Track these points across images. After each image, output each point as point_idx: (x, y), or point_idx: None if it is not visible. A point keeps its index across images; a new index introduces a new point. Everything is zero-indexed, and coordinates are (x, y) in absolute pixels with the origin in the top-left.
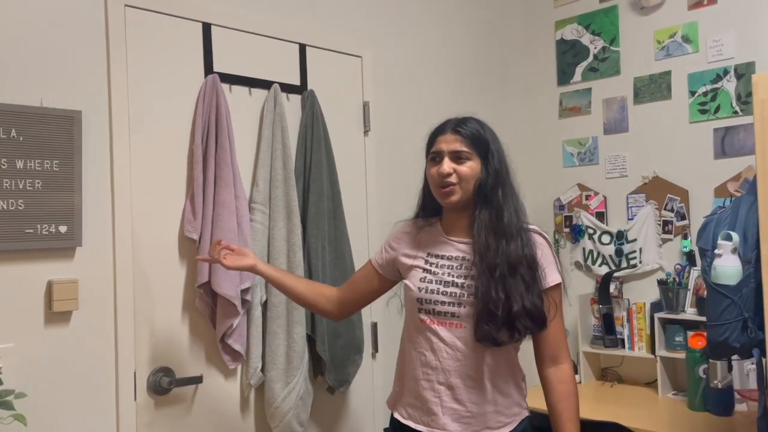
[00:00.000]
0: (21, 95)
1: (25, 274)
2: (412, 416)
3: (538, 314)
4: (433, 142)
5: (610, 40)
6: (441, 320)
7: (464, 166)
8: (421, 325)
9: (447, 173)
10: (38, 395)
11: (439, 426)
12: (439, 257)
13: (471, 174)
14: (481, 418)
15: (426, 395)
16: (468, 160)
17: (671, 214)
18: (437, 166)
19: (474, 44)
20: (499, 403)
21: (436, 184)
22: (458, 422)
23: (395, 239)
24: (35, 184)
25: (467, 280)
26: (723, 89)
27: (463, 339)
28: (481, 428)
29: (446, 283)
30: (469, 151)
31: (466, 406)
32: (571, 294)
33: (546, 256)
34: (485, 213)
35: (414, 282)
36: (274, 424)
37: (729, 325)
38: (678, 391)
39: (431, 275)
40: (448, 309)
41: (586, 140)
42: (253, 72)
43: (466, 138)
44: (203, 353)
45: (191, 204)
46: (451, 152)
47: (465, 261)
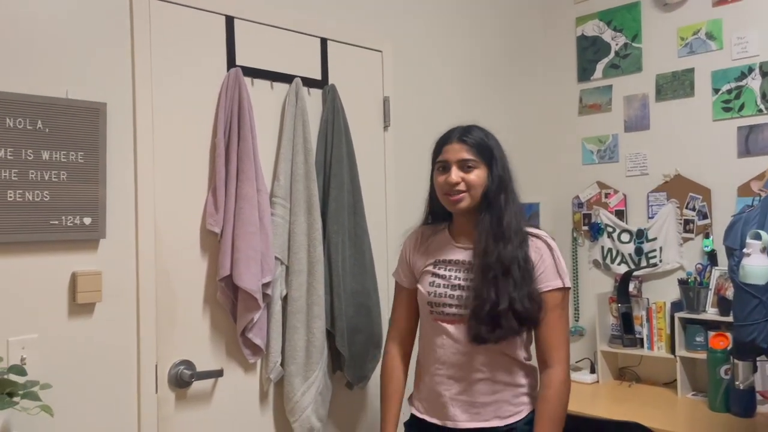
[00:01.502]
0: (47, 87)
1: (50, 265)
2: (428, 410)
3: (526, 314)
4: (440, 151)
5: (632, 37)
6: (450, 319)
7: (472, 174)
8: (434, 323)
9: (456, 182)
10: (61, 386)
11: (450, 418)
12: (446, 262)
13: (479, 181)
14: (489, 408)
15: (438, 389)
16: (475, 168)
17: (693, 213)
18: (445, 175)
19: (494, 40)
20: (508, 393)
21: (444, 192)
22: (467, 413)
23: (407, 253)
24: (60, 175)
25: (470, 283)
26: (747, 87)
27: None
28: (491, 417)
29: (453, 287)
30: (476, 160)
31: (473, 397)
32: (590, 293)
33: (545, 259)
34: (487, 218)
35: (425, 286)
36: (293, 418)
37: (757, 325)
38: (697, 392)
39: (440, 279)
40: (456, 311)
41: (606, 138)
42: (275, 66)
43: (472, 147)
44: (224, 347)
45: (213, 197)
46: (458, 161)
47: (469, 264)
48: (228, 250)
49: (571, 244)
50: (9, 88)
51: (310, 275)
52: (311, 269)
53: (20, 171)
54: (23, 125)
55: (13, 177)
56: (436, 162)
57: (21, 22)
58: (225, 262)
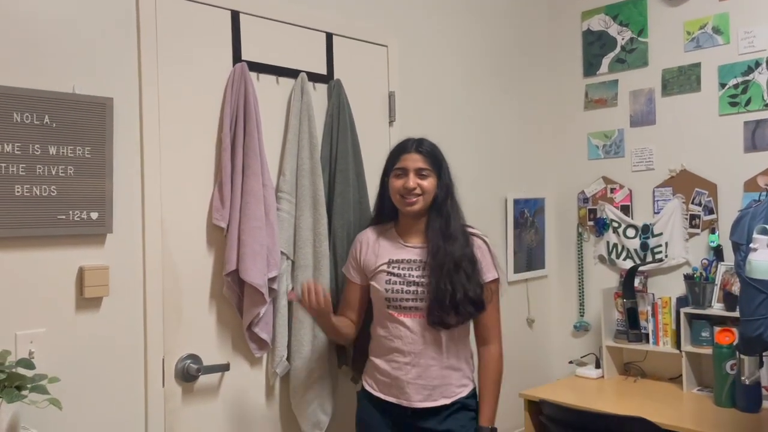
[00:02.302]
0: (54, 82)
1: (57, 260)
2: (382, 390)
3: (478, 301)
4: (398, 159)
5: (638, 31)
6: (406, 312)
7: (426, 181)
8: (391, 318)
9: (413, 187)
10: (69, 380)
11: (406, 397)
12: (400, 261)
13: (431, 188)
14: (439, 389)
15: (396, 374)
16: (428, 176)
17: (699, 208)
18: (403, 180)
19: (499, 35)
20: (453, 376)
21: (401, 195)
22: (420, 394)
23: (358, 252)
24: (67, 170)
25: (424, 279)
26: (754, 82)
27: (424, 326)
28: (439, 397)
29: (409, 283)
30: (429, 169)
31: (427, 381)
32: (595, 288)
33: (485, 255)
34: (437, 220)
35: (381, 284)
36: (299, 412)
37: (764, 320)
38: (703, 387)
39: (395, 277)
40: (412, 304)
41: (611, 133)
42: (281, 61)
43: (426, 157)
44: (230, 341)
45: (219, 192)
46: (415, 169)
47: (421, 263)
48: (234, 244)
49: (576, 240)
50: (16, 83)
51: (315, 270)
52: (317, 264)
53: (27, 166)
54: (30, 120)
55: (21, 172)
56: (393, 168)
57: (28, 18)
58: (231, 256)
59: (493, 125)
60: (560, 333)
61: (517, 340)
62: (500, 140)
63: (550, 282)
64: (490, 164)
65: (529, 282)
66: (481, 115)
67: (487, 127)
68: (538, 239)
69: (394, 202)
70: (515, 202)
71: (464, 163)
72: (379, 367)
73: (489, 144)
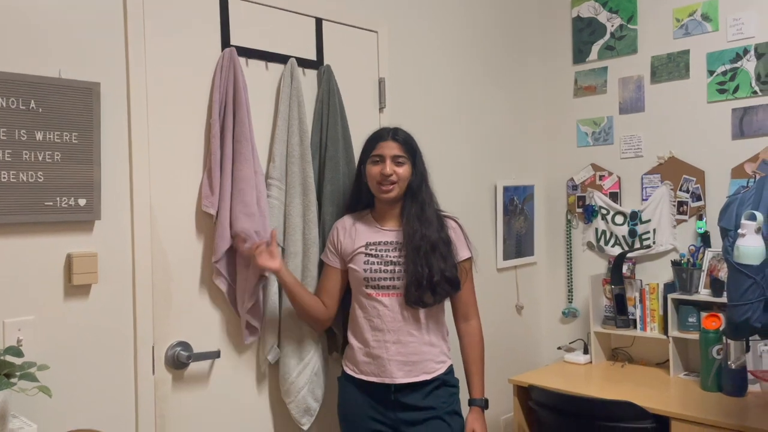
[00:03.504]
0: (40, 66)
1: (45, 246)
2: (363, 371)
3: (454, 280)
4: (374, 147)
5: (627, 18)
6: (384, 292)
7: (401, 169)
8: (369, 298)
9: (389, 174)
10: (58, 368)
11: (388, 375)
12: (377, 244)
13: (406, 175)
14: (419, 365)
15: (376, 352)
16: (404, 164)
17: (686, 195)
18: (380, 167)
19: (488, 22)
20: (432, 352)
21: (378, 181)
22: (402, 370)
23: (336, 238)
24: (54, 156)
25: (401, 259)
26: (742, 69)
27: (402, 305)
28: (420, 373)
29: (386, 263)
30: (405, 156)
31: (407, 357)
32: (583, 274)
33: (458, 236)
34: (412, 205)
35: (359, 265)
36: (289, 399)
37: (751, 305)
38: (689, 372)
39: (373, 258)
40: (390, 283)
41: (601, 120)
42: (270, 46)
43: (402, 145)
44: (220, 328)
45: (208, 179)
46: (392, 156)
47: (398, 244)
48: (225, 231)
49: (565, 227)
50: (1, 67)
51: (305, 257)
52: (306, 251)
53: (14, 152)
54: (16, 105)
55: (7, 158)
56: (370, 156)
57: (13, 1)
58: (221, 243)
59: (482, 112)
60: (549, 319)
61: (506, 327)
62: (490, 127)
63: (539, 269)
64: (479, 151)
65: (518, 269)
66: (470, 102)
67: (476, 114)
68: (528, 226)
69: (371, 188)
70: (505, 189)
71: (454, 150)
72: (359, 348)
73: (479, 131)
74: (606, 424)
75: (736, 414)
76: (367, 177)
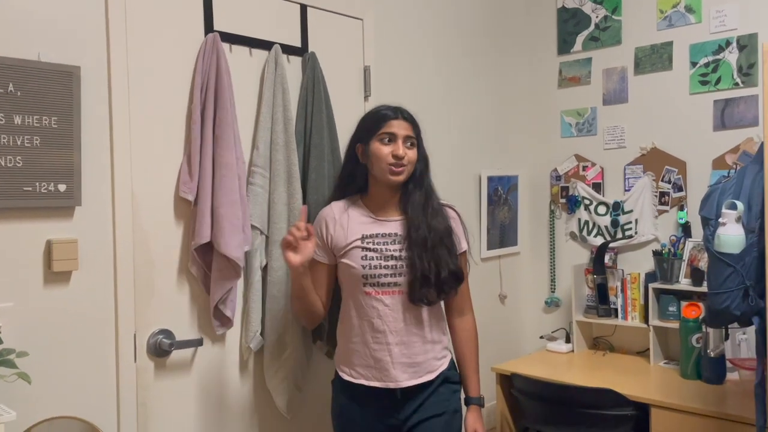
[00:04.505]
0: (18, 49)
1: (24, 232)
2: (364, 375)
3: (460, 275)
4: (380, 125)
5: (612, 9)
6: (384, 290)
7: (412, 152)
8: (367, 297)
9: (403, 155)
10: (38, 355)
11: (392, 379)
12: (375, 236)
13: (414, 159)
14: (423, 365)
15: (378, 355)
16: (414, 146)
17: (668, 185)
18: (391, 147)
19: (474, 12)
20: (435, 349)
21: (389, 163)
22: (406, 372)
23: (324, 230)
24: (33, 140)
25: (402, 253)
26: (725, 61)
27: (404, 303)
28: (424, 373)
29: (386, 257)
30: (415, 138)
31: (412, 358)
32: (566, 264)
33: (458, 226)
34: (417, 193)
35: (356, 261)
36: (273, 387)
37: (730, 293)
38: (669, 360)
39: (372, 252)
40: (391, 279)
41: (585, 111)
42: (254, 32)
43: (412, 125)
44: (203, 316)
45: (188, 164)
46: (405, 137)
47: (397, 236)
48: (205, 218)
49: (548, 217)
50: None
51: None
52: None
53: None
54: None
55: None
56: (378, 134)
57: None
58: (202, 230)
59: (467, 102)
60: (532, 308)
61: (489, 316)
62: (475, 117)
63: (522, 258)
64: (464, 141)
65: (502, 258)
66: (456, 92)
67: (461, 104)
68: (511, 216)
69: (375, 170)
70: (489, 179)
71: (439, 140)
72: (357, 352)
73: (463, 121)
74: (587, 411)
75: (715, 401)
76: (371, 158)
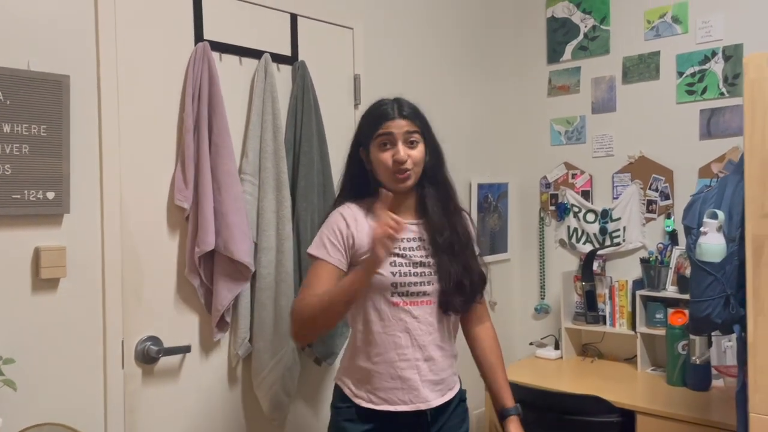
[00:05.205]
0: (8, 58)
1: (12, 240)
2: (387, 399)
3: (485, 279)
4: (379, 126)
5: (600, 19)
6: (413, 300)
7: (416, 151)
8: (394, 308)
9: (404, 159)
10: (26, 362)
11: (422, 399)
12: (401, 240)
13: (422, 157)
14: (446, 381)
15: (406, 374)
16: (418, 143)
17: (656, 193)
18: (391, 152)
19: (464, 21)
20: (453, 364)
21: (392, 170)
22: (434, 391)
23: (345, 229)
24: (22, 148)
25: (429, 259)
26: (711, 71)
27: (432, 314)
28: (446, 390)
29: (416, 264)
30: (418, 133)
31: (438, 375)
32: (555, 271)
33: (472, 230)
34: (433, 192)
35: (383, 267)
36: (261, 393)
37: (712, 301)
38: (656, 367)
39: (400, 258)
40: (420, 288)
41: (574, 119)
42: (244, 41)
43: (412, 120)
44: (191, 323)
45: (182, 173)
46: (405, 136)
47: (422, 241)
48: (210, 225)
49: (538, 224)
50: None
51: (278, 252)
52: (280, 247)
53: None
54: None
55: None
56: (375, 136)
57: None
58: (207, 237)
59: (458, 110)
60: (522, 315)
61: None
62: (465, 125)
63: (512, 265)
64: (454, 149)
65: (492, 265)
66: (446, 100)
67: (452, 112)
68: (501, 223)
69: (380, 177)
70: (479, 186)
71: None
72: (378, 373)
73: (454, 128)
74: (574, 418)
75: (700, 408)
76: (374, 164)
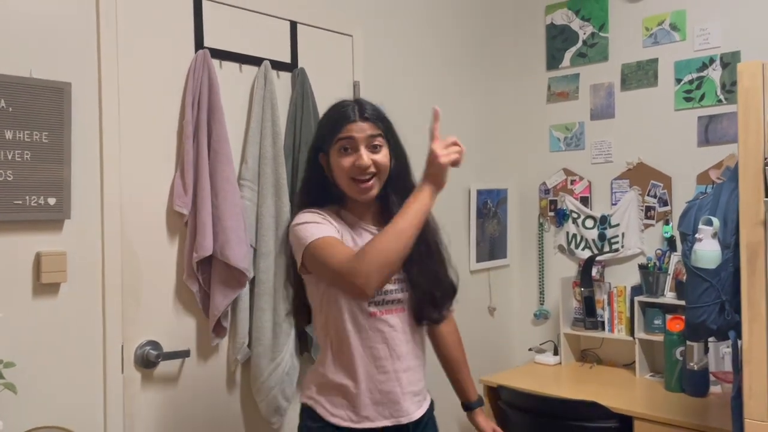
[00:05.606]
0: (10, 66)
1: (13, 245)
2: (369, 416)
3: (456, 289)
4: (339, 129)
5: (599, 26)
6: (389, 308)
7: (380, 155)
8: (371, 319)
9: (368, 165)
10: (26, 365)
11: (403, 413)
12: None
13: (386, 162)
14: (422, 392)
15: (387, 387)
16: (381, 146)
17: (654, 200)
18: (353, 157)
19: (464, 27)
20: (424, 373)
21: (353, 176)
22: (413, 403)
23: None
24: (24, 155)
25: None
26: (708, 78)
27: (407, 322)
28: (422, 401)
29: None
30: (381, 136)
31: (417, 385)
32: (554, 277)
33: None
34: (398, 200)
35: None
36: (260, 398)
37: (707, 307)
38: (655, 373)
39: None
40: (395, 296)
41: (573, 125)
42: (244, 48)
43: (374, 123)
44: (190, 328)
45: (182, 179)
46: (367, 140)
47: None
48: (207, 230)
49: (537, 230)
50: None
51: (278, 257)
52: (279, 251)
53: None
54: None
55: None
56: (336, 140)
57: None
58: (205, 243)
59: (457, 117)
60: (521, 321)
61: (478, 328)
62: (464, 131)
63: (511, 271)
64: None
65: (491, 271)
66: (445, 106)
67: (451, 119)
68: (500, 229)
69: (342, 186)
70: (478, 192)
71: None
72: (357, 389)
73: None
74: (572, 423)
75: (697, 414)
76: (333, 170)
